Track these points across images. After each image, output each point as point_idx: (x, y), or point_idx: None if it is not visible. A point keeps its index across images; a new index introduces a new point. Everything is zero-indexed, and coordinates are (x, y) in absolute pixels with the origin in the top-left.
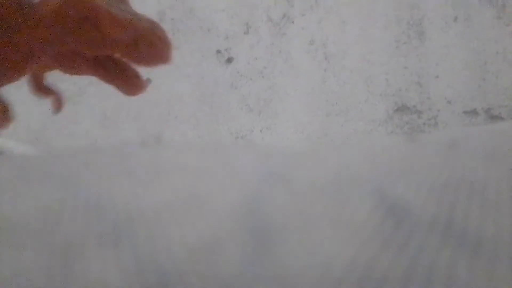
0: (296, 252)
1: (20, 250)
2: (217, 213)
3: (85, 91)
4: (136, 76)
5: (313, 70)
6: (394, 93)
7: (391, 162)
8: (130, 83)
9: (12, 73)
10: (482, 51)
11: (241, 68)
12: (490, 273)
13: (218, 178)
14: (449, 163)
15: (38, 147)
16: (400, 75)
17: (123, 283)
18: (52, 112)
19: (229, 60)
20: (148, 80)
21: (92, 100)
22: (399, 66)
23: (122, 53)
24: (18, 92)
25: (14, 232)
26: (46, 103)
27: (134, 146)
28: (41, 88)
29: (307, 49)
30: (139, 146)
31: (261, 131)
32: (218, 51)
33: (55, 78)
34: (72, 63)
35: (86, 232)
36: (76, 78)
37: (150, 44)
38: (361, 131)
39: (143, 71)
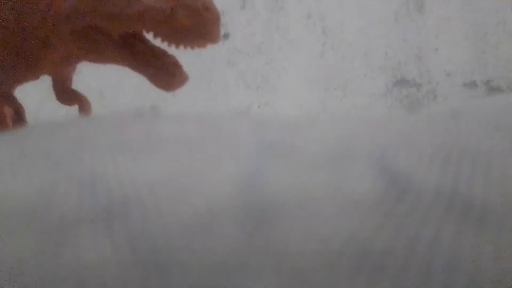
0: (294, 227)
1: (12, 230)
2: (212, 188)
3: (81, 70)
4: (175, 64)
5: (311, 45)
6: (393, 66)
7: (391, 133)
8: (166, 73)
9: (29, 66)
10: (482, 22)
11: (238, 44)
12: (496, 245)
13: (214, 151)
14: (451, 133)
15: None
16: (399, 48)
17: (117, 260)
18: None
19: (226, 36)
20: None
21: (89, 79)
22: (399, 39)
23: (154, 27)
24: None
25: (7, 212)
26: (43, 83)
27: (129, 117)
28: (68, 93)
29: (305, 23)
30: (134, 116)
31: (259, 107)
32: None
33: None
34: (95, 44)
35: (79, 210)
36: None
37: (193, 14)
38: (360, 105)
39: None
